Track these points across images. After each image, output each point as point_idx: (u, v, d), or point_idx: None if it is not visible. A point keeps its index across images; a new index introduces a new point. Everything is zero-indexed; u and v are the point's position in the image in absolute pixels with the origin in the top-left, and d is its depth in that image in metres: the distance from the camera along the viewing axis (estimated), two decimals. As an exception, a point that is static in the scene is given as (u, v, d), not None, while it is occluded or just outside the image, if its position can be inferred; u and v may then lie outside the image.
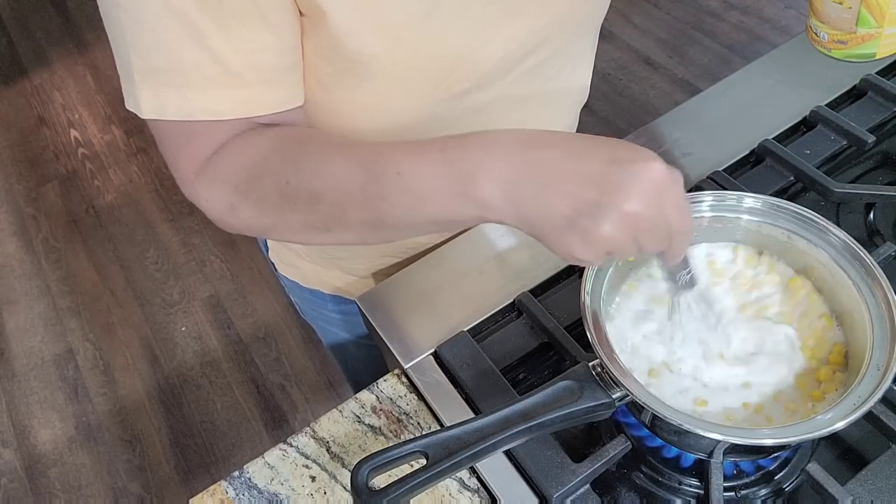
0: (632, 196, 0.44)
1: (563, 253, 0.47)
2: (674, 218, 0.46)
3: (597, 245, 0.45)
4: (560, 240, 0.46)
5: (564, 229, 0.45)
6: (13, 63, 2.82)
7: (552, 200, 0.45)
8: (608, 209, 0.44)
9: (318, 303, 0.89)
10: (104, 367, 1.92)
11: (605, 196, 0.44)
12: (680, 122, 0.85)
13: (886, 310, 0.54)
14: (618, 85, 2.39)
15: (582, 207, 0.44)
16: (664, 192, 0.45)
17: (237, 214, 0.56)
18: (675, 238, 0.48)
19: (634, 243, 0.46)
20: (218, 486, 0.62)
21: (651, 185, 0.44)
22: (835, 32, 0.58)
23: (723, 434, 0.49)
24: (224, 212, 0.56)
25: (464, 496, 0.60)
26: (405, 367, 0.67)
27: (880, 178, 0.79)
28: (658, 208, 0.45)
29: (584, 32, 0.69)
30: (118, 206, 2.28)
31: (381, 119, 0.62)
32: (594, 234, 0.44)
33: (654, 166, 0.45)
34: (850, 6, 0.56)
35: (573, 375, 0.53)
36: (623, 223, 0.44)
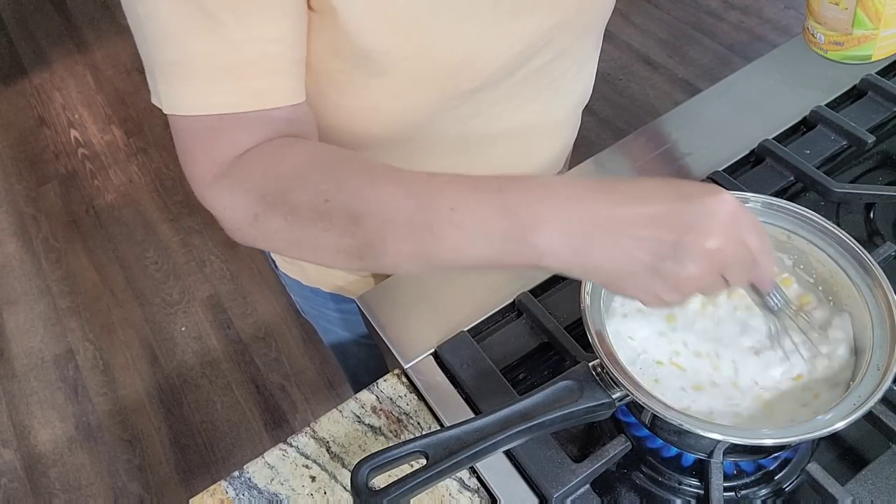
0: (712, 232, 0.43)
1: (646, 299, 0.46)
2: (754, 245, 0.45)
3: (684, 287, 0.44)
4: (642, 287, 0.45)
5: (645, 276, 0.44)
6: (13, 63, 2.82)
7: (625, 248, 0.44)
8: (690, 249, 0.43)
9: (319, 301, 0.89)
10: (104, 367, 1.92)
11: (684, 236, 0.43)
12: (680, 122, 0.85)
13: (886, 310, 0.54)
14: (618, 85, 2.39)
15: (661, 251, 0.43)
16: (740, 221, 0.44)
17: (261, 226, 0.52)
18: (760, 264, 0.47)
19: (721, 279, 0.45)
20: (218, 486, 0.62)
21: (727, 218, 0.43)
22: (831, 34, 0.58)
23: (723, 434, 0.49)
24: (244, 221, 0.53)
25: (464, 496, 0.60)
26: (405, 367, 0.67)
27: (880, 178, 0.79)
28: (738, 239, 0.44)
29: (589, 33, 0.70)
30: (118, 206, 2.28)
31: (391, 116, 0.62)
32: (679, 276, 0.43)
33: (725, 198, 0.44)
34: (846, 7, 0.56)
35: (573, 375, 0.53)
36: (708, 261, 0.43)
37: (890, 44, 0.58)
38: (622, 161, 0.82)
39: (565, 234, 0.44)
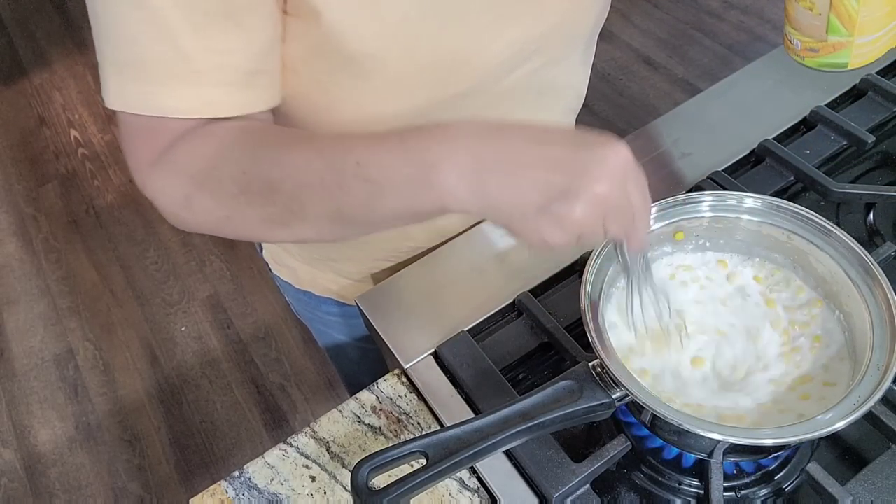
0: (602, 178, 0.44)
1: (533, 239, 0.47)
2: (637, 199, 0.47)
3: (569, 228, 0.45)
4: (530, 227, 0.46)
5: (535, 216, 0.45)
6: (13, 63, 2.82)
7: (520, 187, 0.45)
8: (579, 192, 0.44)
9: (312, 304, 0.89)
10: (104, 367, 1.92)
11: (576, 179, 0.44)
12: (680, 122, 0.85)
13: (886, 310, 0.54)
14: (618, 85, 2.39)
15: (552, 193, 0.44)
16: (629, 173, 0.46)
17: (192, 207, 0.54)
18: (637, 220, 0.48)
19: (601, 226, 0.46)
20: (218, 486, 0.62)
21: (618, 167, 0.45)
22: (807, 40, 0.57)
23: (723, 434, 0.49)
24: (178, 204, 0.54)
25: (464, 496, 0.60)
26: (405, 367, 0.67)
27: (880, 178, 0.79)
28: (623, 190, 0.45)
29: (580, 41, 0.69)
30: (118, 206, 2.28)
31: (379, 120, 0.61)
32: (567, 217, 0.45)
33: (619, 149, 0.45)
34: (819, 13, 0.55)
35: (573, 375, 0.53)
36: (594, 205, 0.44)
37: (867, 52, 0.57)
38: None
39: (464, 173, 0.45)
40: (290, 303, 0.95)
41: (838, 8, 0.54)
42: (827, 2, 0.54)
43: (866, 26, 0.54)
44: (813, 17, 0.55)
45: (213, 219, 0.54)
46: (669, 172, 0.80)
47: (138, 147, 0.55)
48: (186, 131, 0.53)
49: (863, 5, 0.53)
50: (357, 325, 0.84)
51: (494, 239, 0.75)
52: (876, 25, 0.54)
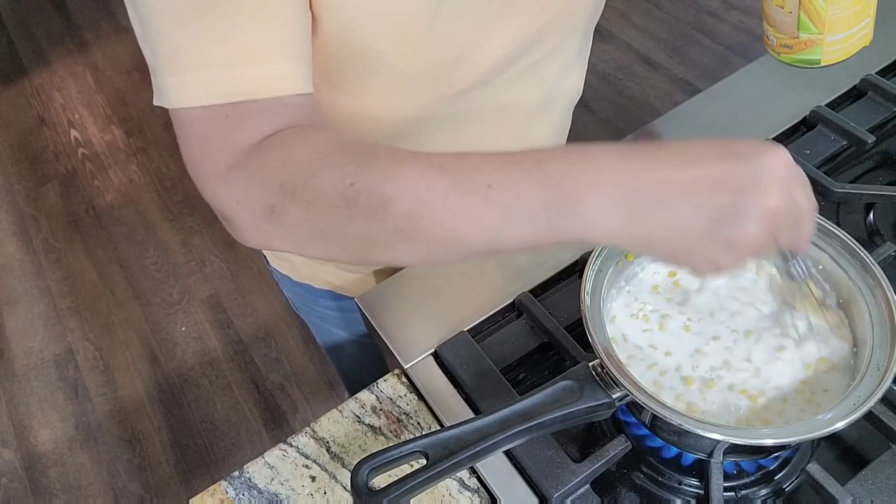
0: (770, 190, 0.41)
1: (703, 265, 0.43)
2: (804, 203, 0.44)
3: (742, 249, 0.42)
4: (698, 254, 0.43)
5: (701, 242, 0.42)
6: (13, 63, 2.82)
7: (680, 214, 0.41)
8: (748, 209, 0.41)
9: (311, 297, 0.89)
10: (104, 367, 1.92)
11: (743, 196, 0.41)
12: (680, 122, 0.85)
13: (886, 310, 0.54)
14: (618, 85, 2.39)
15: (718, 214, 0.41)
16: (794, 178, 0.43)
17: (279, 218, 0.47)
18: (805, 223, 0.45)
19: (774, 240, 0.43)
20: (218, 486, 0.62)
21: (784, 175, 0.42)
22: (781, 36, 0.57)
23: (723, 434, 0.49)
24: (260, 216, 0.48)
25: (464, 496, 0.60)
26: (405, 367, 0.67)
27: (880, 178, 0.79)
28: (792, 197, 0.42)
29: (578, 33, 0.70)
30: (118, 206, 2.28)
31: (385, 116, 0.62)
32: (739, 238, 0.41)
33: (780, 154, 0.42)
34: (790, 10, 0.56)
35: (573, 375, 0.53)
36: (766, 220, 0.41)
37: (838, 49, 0.57)
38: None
39: (613, 202, 0.42)
40: (288, 297, 0.95)
41: (807, 6, 0.54)
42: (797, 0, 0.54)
43: (835, 25, 0.55)
44: (785, 15, 0.56)
45: (302, 232, 0.48)
46: (669, 172, 0.80)
47: (211, 149, 0.48)
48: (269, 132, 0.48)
49: (830, 4, 0.54)
50: (354, 319, 0.83)
51: (494, 239, 0.75)
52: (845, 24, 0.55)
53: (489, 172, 0.44)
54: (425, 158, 0.46)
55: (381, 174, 0.45)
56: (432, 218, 0.44)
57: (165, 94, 0.48)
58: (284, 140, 0.48)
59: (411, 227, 0.45)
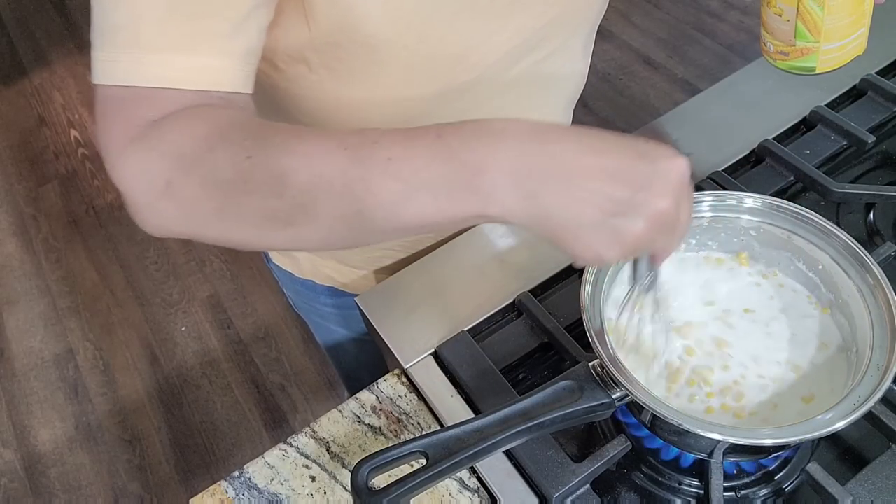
0: (665, 193, 0.42)
1: (586, 254, 0.44)
2: (684, 216, 0.45)
3: (626, 244, 0.43)
4: (585, 241, 0.43)
5: (591, 228, 0.42)
6: (13, 63, 2.82)
7: (577, 198, 0.42)
8: (642, 207, 0.42)
9: (311, 295, 0.88)
10: (104, 367, 1.92)
11: (639, 193, 0.42)
12: (680, 122, 0.85)
13: (886, 310, 0.54)
14: (618, 85, 2.39)
15: (613, 206, 0.42)
16: (685, 190, 0.44)
17: (174, 195, 0.46)
18: (678, 236, 0.46)
19: (652, 242, 0.44)
20: (218, 486, 0.62)
21: (678, 181, 0.43)
22: (778, 43, 0.58)
23: (723, 434, 0.49)
24: (156, 191, 0.46)
25: (464, 496, 0.60)
26: (405, 367, 0.67)
27: (880, 178, 0.79)
28: (678, 206, 0.44)
29: (583, 30, 0.70)
30: (118, 206, 2.28)
31: (388, 108, 0.62)
32: (626, 232, 0.42)
33: (679, 162, 0.43)
34: (787, 19, 0.56)
35: (573, 375, 0.53)
36: (655, 221, 0.43)
37: (834, 57, 0.58)
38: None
39: (514, 178, 0.42)
40: (288, 295, 0.95)
41: (804, 15, 0.55)
42: (794, 9, 0.55)
43: (832, 34, 0.55)
44: (782, 23, 0.57)
45: (199, 211, 0.46)
46: (669, 172, 0.80)
47: (117, 122, 0.48)
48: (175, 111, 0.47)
49: (827, 13, 0.54)
50: (353, 317, 0.83)
51: (494, 239, 0.75)
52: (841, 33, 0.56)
53: (389, 146, 0.43)
54: (325, 134, 0.45)
55: (279, 148, 0.44)
56: (331, 192, 0.43)
57: (95, 69, 0.47)
58: (186, 115, 0.47)
59: (310, 202, 0.44)
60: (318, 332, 0.97)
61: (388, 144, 0.43)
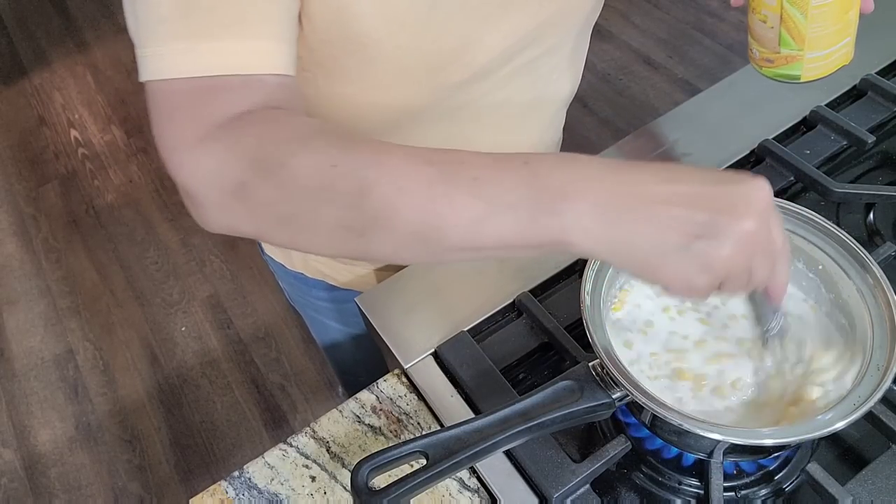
0: (749, 214, 0.41)
1: (675, 284, 0.43)
2: (779, 238, 0.44)
3: (715, 270, 0.42)
4: (671, 269, 0.42)
5: (676, 256, 0.42)
6: (13, 63, 2.82)
7: (658, 224, 0.41)
8: (726, 229, 0.41)
9: (304, 288, 0.89)
10: (104, 367, 1.92)
11: (721, 216, 0.41)
12: (680, 122, 0.85)
13: (886, 310, 0.54)
14: (618, 85, 2.39)
15: (696, 230, 0.41)
16: (772, 212, 0.43)
17: (248, 197, 0.45)
18: (779, 265, 0.45)
19: (748, 269, 0.43)
20: (218, 486, 0.62)
21: (762, 203, 0.42)
22: (763, 50, 0.58)
23: (723, 434, 0.49)
24: (228, 192, 0.46)
25: (464, 496, 0.60)
26: (405, 367, 0.67)
27: (880, 178, 0.79)
28: (768, 229, 0.43)
29: (577, 31, 0.70)
30: (118, 206, 2.28)
31: (381, 107, 0.62)
32: (714, 257, 0.41)
33: (762, 185, 0.42)
34: (772, 26, 0.56)
35: (573, 375, 0.53)
36: (742, 243, 0.41)
37: (819, 66, 0.57)
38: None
39: (595, 206, 0.42)
40: (284, 289, 0.95)
41: (788, 23, 0.55)
42: (778, 16, 0.55)
43: (815, 42, 0.55)
44: (767, 30, 0.57)
45: (270, 215, 0.46)
46: (669, 172, 0.80)
47: (182, 120, 0.47)
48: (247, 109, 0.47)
49: (811, 22, 0.54)
50: (348, 311, 0.83)
51: (494, 239, 0.75)
52: (825, 42, 0.56)
53: (476, 166, 0.44)
54: (412, 150, 0.45)
55: (365, 159, 0.44)
56: (413, 206, 0.43)
57: (143, 67, 0.47)
58: (265, 117, 0.47)
59: (389, 215, 0.44)
60: (314, 327, 0.97)
61: (475, 165, 0.44)
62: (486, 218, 0.43)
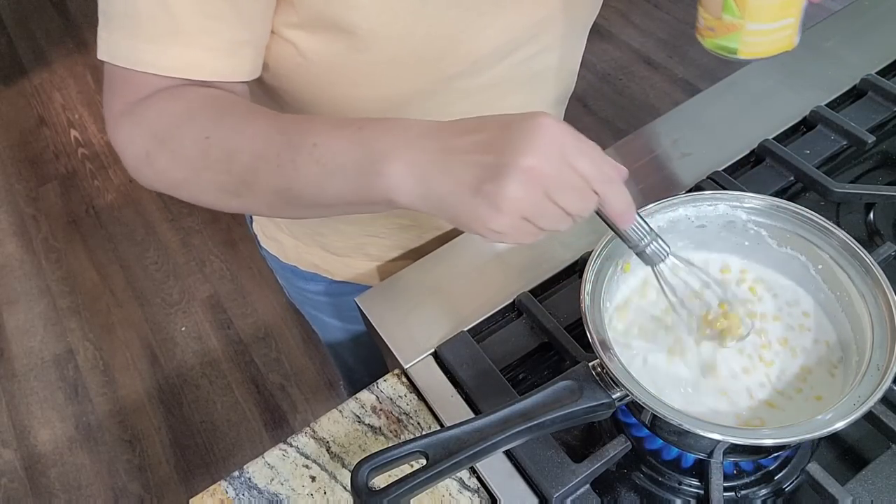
0: (528, 151, 0.43)
1: (477, 227, 0.46)
2: (585, 170, 0.45)
3: (507, 209, 0.44)
4: (470, 213, 0.45)
5: (470, 200, 0.45)
6: (13, 63, 2.82)
7: (453, 172, 0.45)
8: (507, 168, 0.43)
9: (300, 282, 0.89)
10: (104, 367, 1.92)
11: (503, 156, 0.44)
12: (680, 122, 0.85)
13: (886, 310, 0.54)
14: (618, 85, 2.39)
15: (483, 174, 0.44)
16: (563, 144, 0.44)
17: (152, 164, 0.54)
18: (600, 190, 0.46)
19: (550, 202, 0.45)
20: (218, 486, 0.62)
21: (546, 139, 0.44)
22: (707, 17, 0.57)
23: (723, 434, 0.49)
24: (140, 159, 0.55)
25: (464, 496, 0.60)
26: (405, 367, 0.67)
27: (880, 178, 0.79)
28: (560, 160, 0.44)
29: (575, 31, 0.70)
30: (118, 206, 2.28)
31: (375, 99, 0.62)
32: (500, 196, 0.43)
33: (543, 121, 0.44)
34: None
35: (573, 375, 0.53)
36: (525, 179, 0.43)
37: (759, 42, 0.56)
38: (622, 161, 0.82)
39: (410, 165, 0.46)
40: (282, 285, 0.95)
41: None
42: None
43: (757, 12, 0.54)
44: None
45: (169, 179, 0.55)
46: (669, 172, 0.80)
47: (115, 97, 0.56)
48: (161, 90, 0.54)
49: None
50: (345, 304, 0.84)
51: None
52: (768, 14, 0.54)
53: (317, 133, 0.50)
54: (272, 117, 0.52)
55: (232, 129, 0.52)
56: (268, 171, 0.51)
57: (99, 46, 0.54)
58: (166, 94, 0.54)
59: (252, 178, 0.51)
60: (315, 324, 0.97)
61: (317, 131, 0.50)
62: (323, 180, 0.49)
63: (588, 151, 0.46)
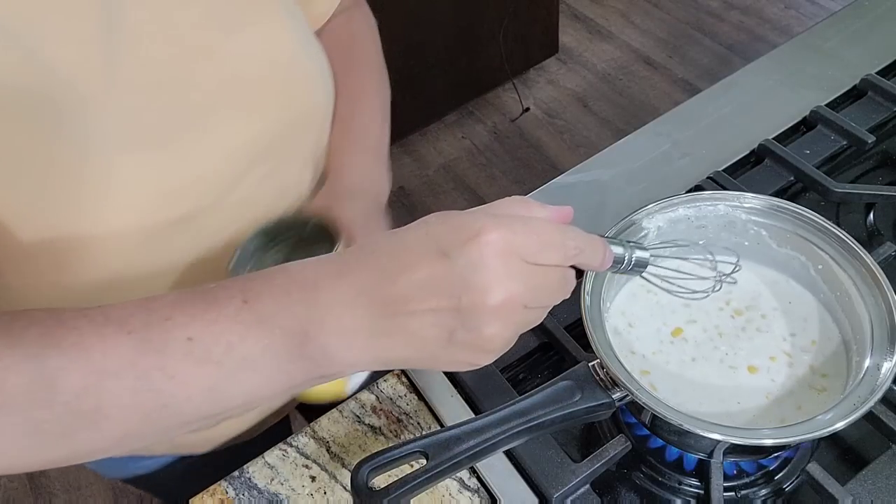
0: (489, 286, 0.36)
1: (463, 367, 0.41)
2: (552, 258, 0.39)
3: (492, 346, 0.39)
4: (449, 360, 0.40)
5: (445, 350, 0.38)
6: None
7: (410, 333, 0.37)
8: (475, 312, 0.37)
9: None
10: (104, 367, 1.92)
11: (462, 300, 0.37)
12: (680, 122, 0.85)
13: (886, 310, 0.54)
14: (618, 85, 2.39)
15: (447, 322, 0.37)
16: (517, 249, 0.37)
17: None
18: (575, 263, 0.42)
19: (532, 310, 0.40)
20: (218, 485, 0.62)
21: (499, 260, 0.37)
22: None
23: (723, 434, 0.49)
24: None
25: (464, 496, 0.60)
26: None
27: (880, 178, 0.79)
28: (525, 273, 0.38)
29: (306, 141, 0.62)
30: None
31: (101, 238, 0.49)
32: (480, 339, 0.38)
33: (487, 239, 0.37)
34: None
35: (573, 375, 0.53)
36: (499, 315, 0.37)
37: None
38: (622, 161, 0.82)
39: (343, 336, 0.37)
40: None
41: None
42: None
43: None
44: None
45: None
46: (669, 172, 0.80)
47: None
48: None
49: None
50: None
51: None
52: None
53: (186, 323, 0.36)
54: (95, 313, 0.37)
55: (37, 343, 0.35)
56: (120, 389, 0.36)
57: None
58: None
59: (92, 406, 0.36)
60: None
61: (184, 321, 0.36)
62: (220, 382, 0.37)
63: (543, 236, 0.39)
